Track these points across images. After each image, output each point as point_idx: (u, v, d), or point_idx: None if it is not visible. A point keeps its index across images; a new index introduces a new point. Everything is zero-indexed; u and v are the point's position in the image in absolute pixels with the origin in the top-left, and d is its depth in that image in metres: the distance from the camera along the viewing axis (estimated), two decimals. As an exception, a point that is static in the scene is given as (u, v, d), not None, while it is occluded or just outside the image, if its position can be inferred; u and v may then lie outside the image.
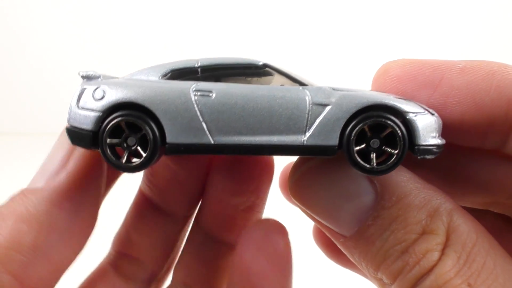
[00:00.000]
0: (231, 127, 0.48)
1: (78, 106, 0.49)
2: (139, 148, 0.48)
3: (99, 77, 0.51)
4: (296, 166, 0.54)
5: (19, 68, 1.82)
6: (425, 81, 0.53)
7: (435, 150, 0.48)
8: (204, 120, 0.48)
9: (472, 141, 0.54)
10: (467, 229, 0.47)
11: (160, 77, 0.52)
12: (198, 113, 0.48)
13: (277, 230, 0.62)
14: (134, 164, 0.48)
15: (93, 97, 0.49)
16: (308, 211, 0.54)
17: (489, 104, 0.50)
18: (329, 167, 0.52)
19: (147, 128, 0.48)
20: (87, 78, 0.51)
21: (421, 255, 0.47)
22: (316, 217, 0.53)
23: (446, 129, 0.52)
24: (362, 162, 0.47)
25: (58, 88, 1.66)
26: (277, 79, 0.53)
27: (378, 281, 0.51)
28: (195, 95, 0.48)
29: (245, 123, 0.48)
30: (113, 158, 0.48)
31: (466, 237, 0.47)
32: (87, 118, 0.49)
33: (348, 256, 0.53)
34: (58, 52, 1.74)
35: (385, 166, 0.47)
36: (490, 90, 0.50)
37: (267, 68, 0.53)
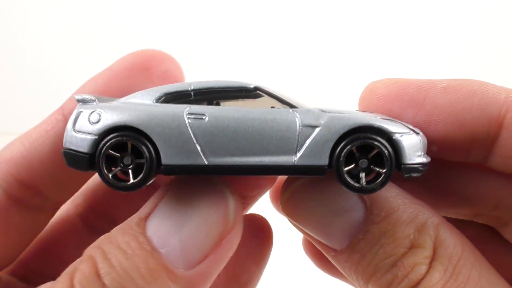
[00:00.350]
0: (224, 149, 0.49)
1: (74, 130, 0.51)
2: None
3: (94, 100, 0.52)
4: (287, 183, 0.55)
5: (19, 68, 1.82)
6: (410, 100, 0.54)
7: (420, 168, 0.49)
8: (198, 142, 0.49)
9: (457, 156, 0.55)
10: (453, 243, 0.49)
11: (154, 101, 0.53)
12: (192, 136, 0.49)
13: (262, 226, 0.67)
14: (130, 183, 0.49)
15: (89, 120, 0.50)
16: (300, 226, 0.55)
17: (471, 122, 0.52)
18: (319, 184, 0.53)
19: (144, 149, 0.49)
20: (83, 101, 0.52)
21: (410, 268, 0.48)
22: (308, 231, 0.55)
23: (431, 145, 0.53)
24: (352, 182, 0.48)
25: (59, 88, 1.66)
26: (268, 100, 0.54)
27: None
28: (188, 118, 0.50)
29: (237, 145, 0.49)
30: (111, 179, 0.49)
31: (452, 250, 0.49)
32: (83, 141, 0.50)
33: (339, 269, 0.55)
34: (58, 52, 1.74)
35: (374, 185, 0.48)
36: (471, 109, 0.51)
37: (258, 91, 0.54)
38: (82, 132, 0.50)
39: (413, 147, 0.49)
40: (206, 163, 0.49)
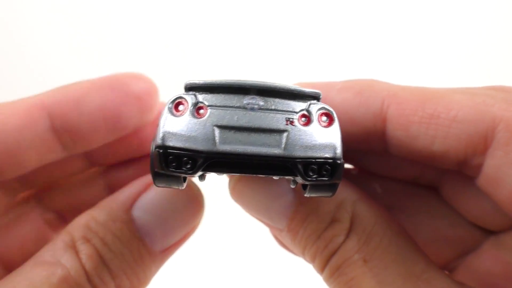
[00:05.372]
0: None
1: None
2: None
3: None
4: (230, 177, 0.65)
5: (19, 68, 1.74)
6: None
7: None
8: None
9: (373, 148, 0.61)
10: (367, 215, 0.57)
11: None
12: None
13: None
14: None
15: None
16: (248, 212, 0.64)
17: (360, 119, 0.57)
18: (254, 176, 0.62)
19: None
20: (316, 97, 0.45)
21: (329, 240, 0.56)
22: (254, 216, 0.64)
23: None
24: None
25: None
26: None
27: (307, 262, 0.61)
28: None
29: None
30: None
31: (366, 222, 0.56)
32: None
33: (287, 245, 0.64)
34: (57, 52, 1.71)
35: None
36: (359, 106, 0.57)
37: None
38: None
39: None
40: None
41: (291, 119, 0.43)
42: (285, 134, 0.42)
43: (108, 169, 0.73)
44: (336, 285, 0.57)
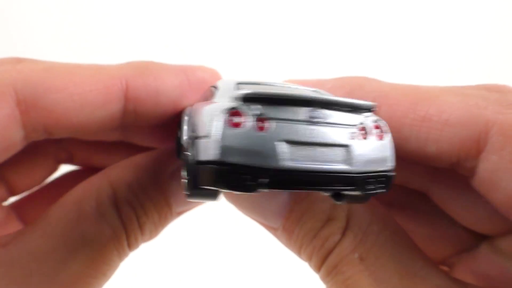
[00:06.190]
0: None
1: None
2: None
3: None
4: None
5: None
6: None
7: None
8: None
9: None
10: (363, 213, 0.56)
11: None
12: None
13: None
14: None
15: None
16: (243, 212, 0.64)
17: None
18: None
19: None
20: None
21: (325, 239, 0.56)
22: (249, 215, 0.63)
23: None
24: None
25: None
26: None
27: (303, 260, 0.61)
28: None
29: None
30: None
31: (362, 220, 0.56)
32: None
33: (282, 244, 0.63)
34: (57, 52, 1.71)
35: None
36: None
37: None
38: None
39: None
40: None
41: (353, 133, 0.42)
42: (348, 149, 0.41)
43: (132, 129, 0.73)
44: (333, 284, 0.57)
